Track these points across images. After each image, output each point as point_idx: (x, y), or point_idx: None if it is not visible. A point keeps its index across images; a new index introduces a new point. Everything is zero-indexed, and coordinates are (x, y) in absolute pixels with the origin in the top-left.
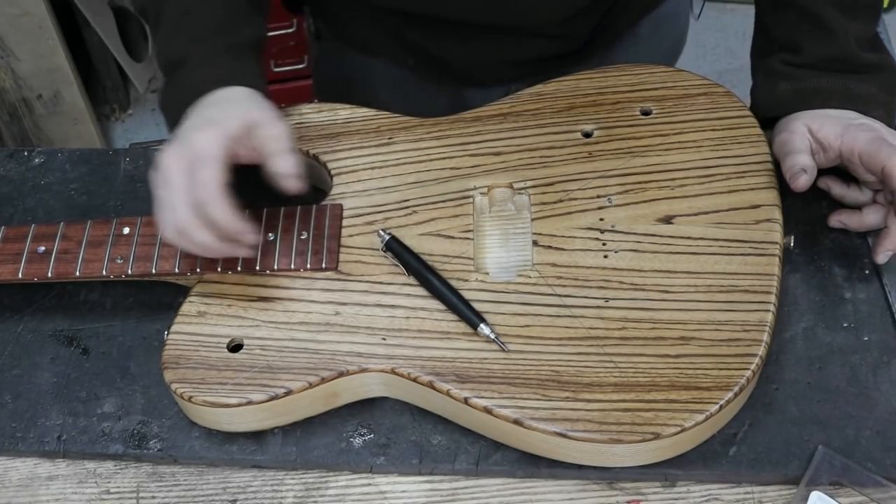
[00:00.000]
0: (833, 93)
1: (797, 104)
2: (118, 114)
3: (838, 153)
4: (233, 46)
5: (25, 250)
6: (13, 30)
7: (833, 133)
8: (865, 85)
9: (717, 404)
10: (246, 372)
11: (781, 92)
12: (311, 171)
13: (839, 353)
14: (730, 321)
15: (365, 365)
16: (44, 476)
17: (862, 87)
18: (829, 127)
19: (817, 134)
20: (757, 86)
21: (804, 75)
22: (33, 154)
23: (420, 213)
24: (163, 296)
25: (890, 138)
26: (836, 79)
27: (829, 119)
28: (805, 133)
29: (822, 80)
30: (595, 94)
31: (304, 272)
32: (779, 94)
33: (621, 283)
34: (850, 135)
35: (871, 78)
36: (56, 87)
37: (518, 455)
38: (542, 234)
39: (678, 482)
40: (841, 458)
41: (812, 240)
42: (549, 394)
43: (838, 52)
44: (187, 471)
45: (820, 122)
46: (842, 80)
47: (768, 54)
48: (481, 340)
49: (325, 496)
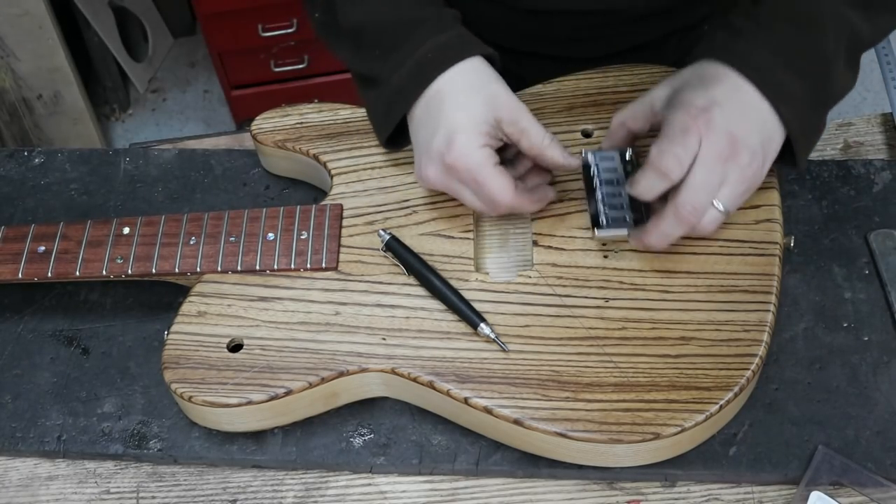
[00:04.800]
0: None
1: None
2: (118, 114)
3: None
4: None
5: (25, 250)
6: (13, 30)
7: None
8: (792, 79)
9: (717, 404)
10: (246, 372)
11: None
12: (311, 171)
13: (839, 353)
14: (730, 321)
15: (365, 365)
16: (44, 476)
17: (786, 77)
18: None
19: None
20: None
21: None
22: (33, 154)
23: (420, 213)
24: (163, 296)
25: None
26: (768, 53)
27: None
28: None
29: (754, 47)
30: (595, 94)
31: (304, 272)
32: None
33: (621, 283)
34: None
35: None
36: (56, 87)
37: (518, 455)
38: (542, 234)
39: (678, 482)
40: (841, 458)
41: (812, 240)
42: (550, 394)
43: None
44: (187, 471)
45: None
46: (773, 56)
47: None
48: (481, 340)
49: (325, 496)
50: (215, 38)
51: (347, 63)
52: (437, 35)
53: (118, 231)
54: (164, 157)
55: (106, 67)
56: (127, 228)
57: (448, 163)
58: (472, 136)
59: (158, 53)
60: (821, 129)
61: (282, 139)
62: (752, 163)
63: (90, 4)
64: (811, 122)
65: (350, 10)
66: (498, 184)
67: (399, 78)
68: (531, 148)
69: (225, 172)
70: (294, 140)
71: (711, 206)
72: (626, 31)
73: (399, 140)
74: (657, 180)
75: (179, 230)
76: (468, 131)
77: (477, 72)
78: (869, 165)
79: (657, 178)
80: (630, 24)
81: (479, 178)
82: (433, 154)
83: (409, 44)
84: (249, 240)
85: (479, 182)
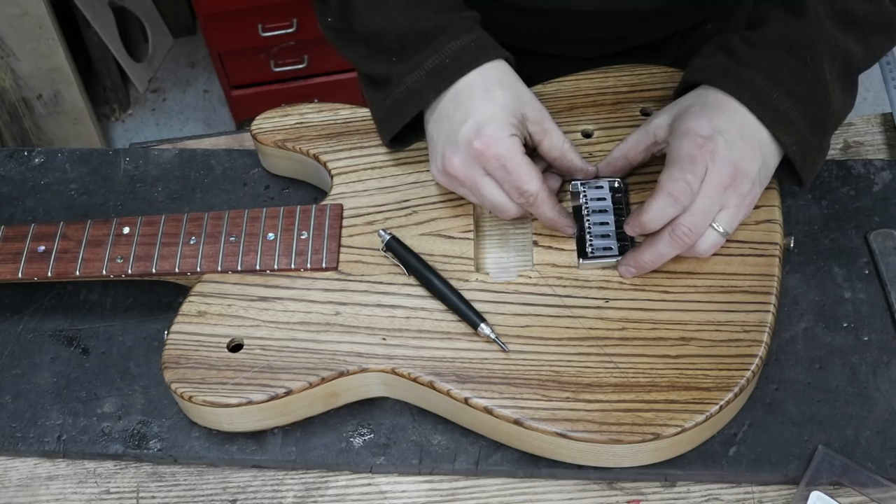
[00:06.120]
0: (750, 87)
1: (714, 79)
2: (118, 114)
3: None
4: (477, 19)
5: (25, 250)
6: (13, 30)
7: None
8: (790, 105)
9: (717, 405)
10: (246, 372)
11: (714, 63)
12: (311, 171)
13: (839, 353)
14: (730, 322)
15: (365, 365)
16: (44, 476)
17: (784, 103)
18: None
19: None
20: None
21: (744, 59)
22: (33, 154)
23: (420, 213)
24: (163, 296)
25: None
26: (766, 80)
27: (701, 117)
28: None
29: (753, 74)
30: (595, 94)
31: (305, 272)
32: (708, 64)
33: (621, 283)
34: (679, 137)
35: (806, 102)
36: (56, 87)
37: (518, 455)
38: (543, 234)
39: (678, 482)
40: (841, 458)
41: (812, 240)
42: (550, 394)
43: (799, 35)
44: (187, 471)
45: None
46: (771, 84)
47: None
48: (481, 340)
49: (325, 496)
50: (215, 38)
51: (357, 65)
52: (457, 38)
53: (118, 231)
54: (164, 157)
55: (106, 67)
56: (127, 228)
57: (477, 148)
58: (502, 126)
59: (158, 53)
60: (824, 150)
61: (282, 139)
62: (752, 190)
63: (90, 4)
64: (812, 146)
65: (368, 17)
66: (528, 170)
67: (416, 78)
68: (552, 149)
69: (225, 172)
70: (294, 140)
71: (711, 228)
72: (627, 32)
73: (402, 139)
74: (669, 206)
75: (179, 230)
76: (499, 121)
77: (505, 72)
78: (869, 165)
79: (669, 204)
80: (631, 25)
81: (508, 164)
82: (460, 142)
83: (429, 49)
84: (249, 240)
85: (507, 168)
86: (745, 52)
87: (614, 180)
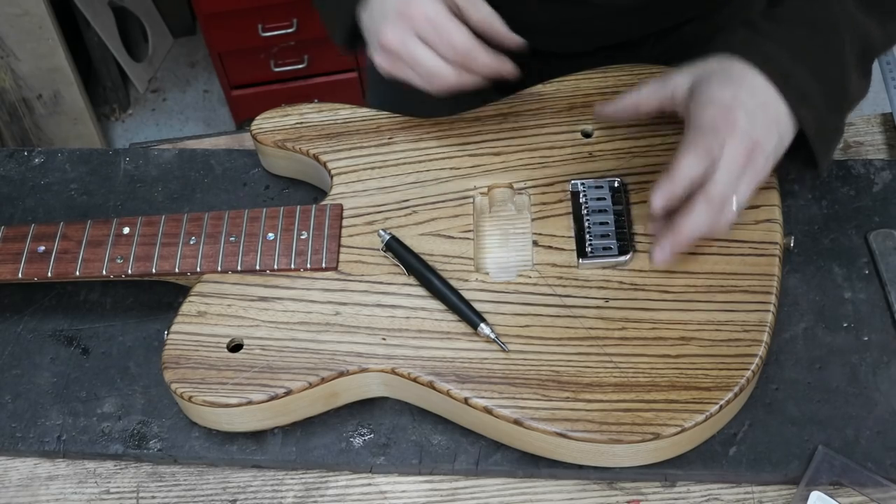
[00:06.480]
0: (773, 60)
1: (737, 50)
2: (118, 114)
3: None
4: None
5: (25, 250)
6: (13, 30)
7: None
8: (810, 81)
9: (717, 404)
10: (246, 372)
11: (736, 36)
12: (311, 171)
13: (839, 353)
14: (730, 321)
15: (365, 365)
16: (44, 476)
17: (805, 79)
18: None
19: None
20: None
21: (766, 32)
22: (33, 154)
23: (420, 213)
24: (163, 296)
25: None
26: (788, 55)
27: (725, 88)
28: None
29: (775, 48)
30: (595, 94)
31: (304, 272)
32: (730, 39)
33: (621, 283)
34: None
35: (825, 79)
36: (56, 87)
37: (518, 455)
38: (543, 234)
39: (678, 482)
40: (841, 458)
41: (812, 240)
42: (550, 394)
43: (822, 13)
44: (187, 471)
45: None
46: (793, 59)
47: None
48: (481, 340)
49: (325, 496)
50: (215, 38)
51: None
52: None
53: (118, 231)
54: (164, 157)
55: (106, 67)
56: (127, 228)
57: (405, 12)
58: None
59: (158, 53)
60: (839, 132)
61: (282, 139)
62: (766, 165)
63: (90, 4)
64: (828, 125)
65: None
66: (456, 26)
67: None
68: (481, 20)
69: (225, 172)
70: (294, 140)
71: None
72: (603, 27)
73: (355, 43)
74: (696, 162)
75: (179, 230)
76: None
77: None
78: (869, 165)
79: (696, 159)
80: (607, 19)
81: (436, 20)
82: (389, 14)
83: None
84: (249, 240)
85: (436, 24)
86: (767, 26)
87: (614, 180)
